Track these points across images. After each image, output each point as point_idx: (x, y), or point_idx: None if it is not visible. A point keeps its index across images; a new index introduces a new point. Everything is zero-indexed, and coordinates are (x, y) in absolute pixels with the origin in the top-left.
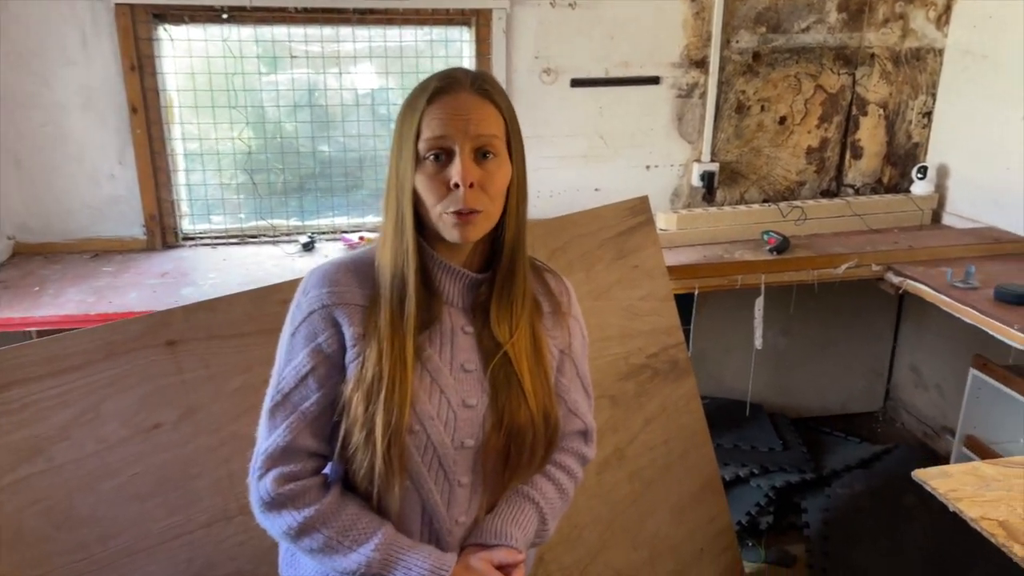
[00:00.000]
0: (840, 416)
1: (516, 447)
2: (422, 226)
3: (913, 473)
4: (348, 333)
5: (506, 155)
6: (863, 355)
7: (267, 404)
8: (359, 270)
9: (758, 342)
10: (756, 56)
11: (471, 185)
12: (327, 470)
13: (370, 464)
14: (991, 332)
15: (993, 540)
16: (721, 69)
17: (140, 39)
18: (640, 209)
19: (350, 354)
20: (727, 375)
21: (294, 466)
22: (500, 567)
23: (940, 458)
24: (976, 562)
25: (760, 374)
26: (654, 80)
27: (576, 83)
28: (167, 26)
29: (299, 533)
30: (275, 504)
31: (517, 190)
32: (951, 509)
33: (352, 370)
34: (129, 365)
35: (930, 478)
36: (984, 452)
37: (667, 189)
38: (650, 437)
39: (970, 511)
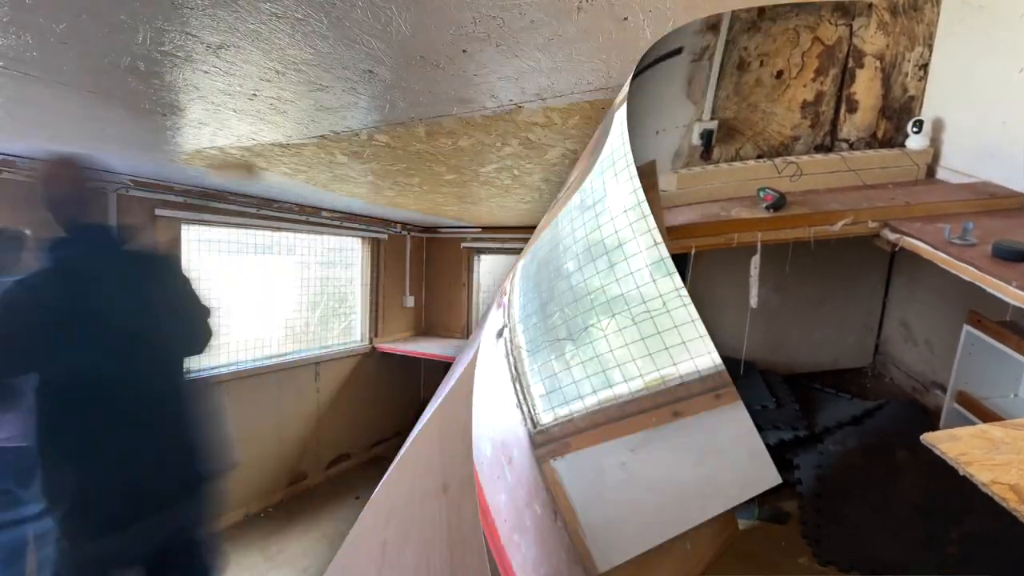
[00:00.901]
0: (831, 372)
1: None
2: None
3: (922, 437)
4: None
5: None
6: (855, 311)
7: None
8: None
9: (753, 301)
10: (760, 11)
11: None
12: None
13: None
14: (989, 289)
15: (1005, 505)
16: (729, 28)
17: None
18: (646, 173)
19: None
20: (721, 333)
21: None
22: None
23: (930, 413)
24: (967, 516)
25: (753, 331)
26: (677, 52)
27: None
28: None
29: None
30: None
31: None
32: (961, 474)
33: None
34: None
35: (939, 442)
36: (975, 407)
37: (670, 150)
38: None
39: (980, 475)
